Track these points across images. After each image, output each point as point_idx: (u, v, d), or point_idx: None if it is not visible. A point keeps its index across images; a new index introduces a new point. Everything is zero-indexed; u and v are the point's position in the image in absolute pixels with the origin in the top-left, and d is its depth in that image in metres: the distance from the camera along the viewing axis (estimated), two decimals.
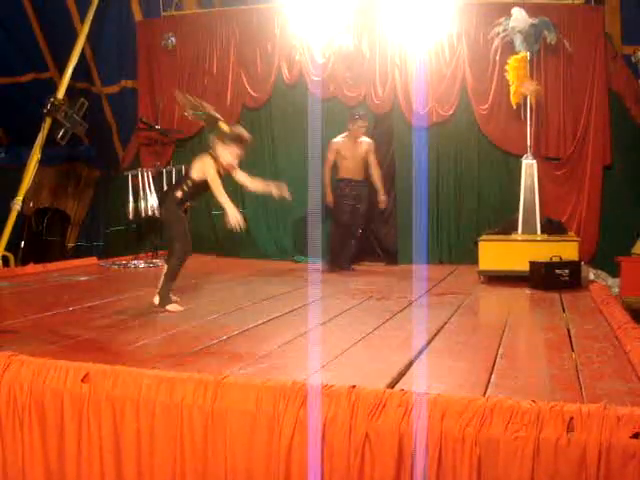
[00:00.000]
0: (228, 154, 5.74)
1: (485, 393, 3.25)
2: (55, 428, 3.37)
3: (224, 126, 5.85)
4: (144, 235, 9.91)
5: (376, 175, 8.43)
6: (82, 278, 7.64)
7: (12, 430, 3.44)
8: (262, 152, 9.76)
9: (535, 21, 7.90)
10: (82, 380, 3.36)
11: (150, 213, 9.33)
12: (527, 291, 6.62)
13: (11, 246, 9.20)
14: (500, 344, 4.35)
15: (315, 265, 8.68)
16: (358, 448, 2.85)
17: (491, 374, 3.61)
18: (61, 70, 9.71)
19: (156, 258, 9.11)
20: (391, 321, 5.14)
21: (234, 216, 5.79)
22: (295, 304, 5.86)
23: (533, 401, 2.78)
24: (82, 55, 9.71)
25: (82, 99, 9.70)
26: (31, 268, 8.10)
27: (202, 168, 5.78)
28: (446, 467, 2.75)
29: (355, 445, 2.85)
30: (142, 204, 9.29)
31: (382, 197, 8.43)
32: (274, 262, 9.24)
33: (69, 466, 3.35)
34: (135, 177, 9.41)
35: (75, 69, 9.51)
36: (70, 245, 10.68)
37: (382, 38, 9.02)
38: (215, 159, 5.74)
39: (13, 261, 9.03)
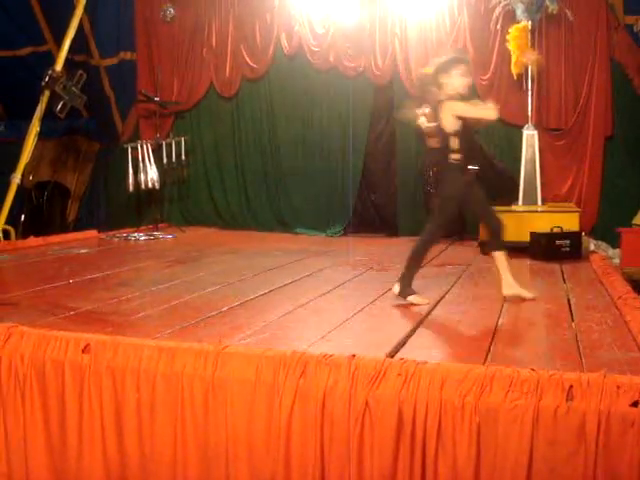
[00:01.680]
0: (455, 82, 4.82)
1: (485, 362, 3.26)
2: (56, 399, 3.39)
3: (427, 69, 5.10)
4: (144, 207, 9.90)
5: None
6: (83, 251, 7.65)
7: (13, 401, 3.46)
8: (261, 123, 9.71)
9: None
10: (83, 351, 3.38)
11: (150, 185, 9.32)
12: (528, 262, 6.62)
13: (11, 219, 9.19)
14: (500, 314, 4.37)
15: (315, 237, 8.70)
16: (358, 417, 2.86)
17: (491, 343, 3.63)
18: (59, 43, 9.61)
19: (157, 231, 9.12)
20: (391, 291, 5.13)
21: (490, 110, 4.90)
22: (296, 275, 5.87)
23: (532, 369, 2.79)
24: (80, 27, 9.60)
25: (80, 71, 9.61)
26: (32, 241, 8.09)
27: (449, 113, 4.81)
28: (445, 435, 2.77)
29: (355, 414, 2.87)
30: (142, 176, 9.28)
31: None
32: (274, 234, 9.22)
33: (70, 437, 3.38)
34: (135, 149, 9.38)
35: (73, 41, 9.40)
36: (71, 218, 10.66)
37: (382, 8, 8.91)
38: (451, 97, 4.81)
39: (14, 234, 9.02)
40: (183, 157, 9.75)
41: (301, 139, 9.45)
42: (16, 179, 8.90)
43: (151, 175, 9.29)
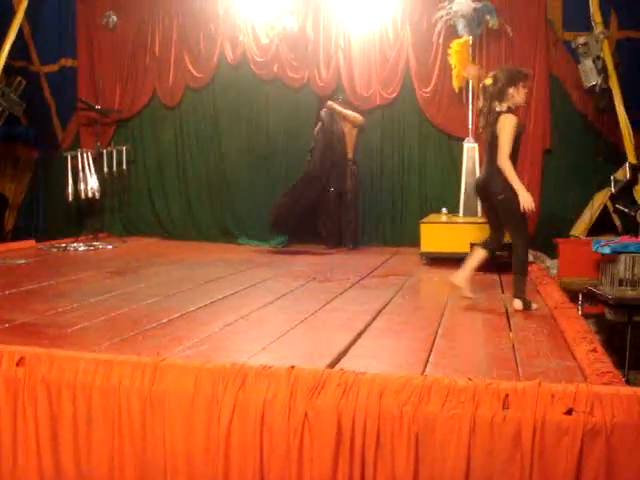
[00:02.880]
0: (519, 96, 5.03)
1: (424, 372, 3.29)
2: None
3: (488, 81, 5.21)
4: (84, 217, 9.73)
5: None
6: (20, 261, 7.47)
7: None
8: (205, 132, 9.65)
9: (477, 5, 7.98)
10: (17, 364, 3.29)
11: (90, 195, 9.17)
12: None
13: None
14: (440, 324, 4.41)
15: (258, 247, 8.67)
16: (297, 428, 2.86)
17: (430, 353, 3.66)
18: None
19: (96, 241, 8.97)
20: (333, 302, 5.16)
21: (526, 199, 4.87)
22: (237, 287, 5.84)
23: (469, 379, 2.82)
24: (20, 32, 9.43)
25: (20, 78, 9.44)
26: None
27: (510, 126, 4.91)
28: (384, 445, 2.78)
29: (294, 425, 2.86)
30: (82, 185, 9.13)
31: None
32: (217, 245, 9.16)
33: (4, 451, 3.29)
34: (75, 158, 9.24)
35: (12, 47, 9.23)
36: (8, 227, 10.41)
37: (326, 20, 8.97)
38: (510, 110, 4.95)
39: None
40: (124, 166, 9.63)
41: (245, 149, 9.41)
42: None
43: (91, 184, 9.15)
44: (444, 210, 8.04)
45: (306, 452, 2.86)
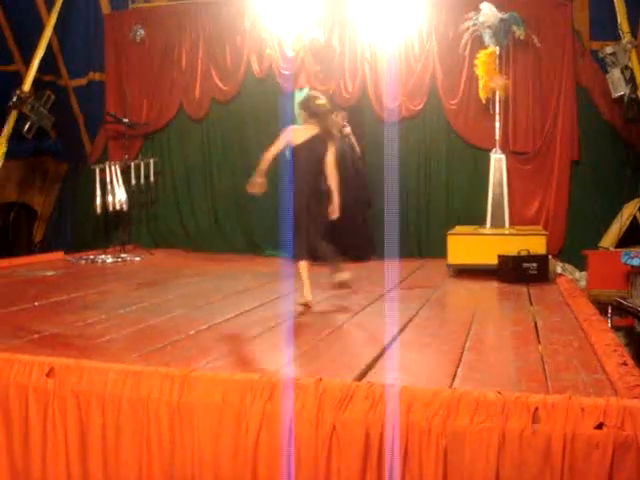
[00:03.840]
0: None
1: (452, 385, 3.26)
2: (19, 423, 3.34)
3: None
4: (112, 229, 9.82)
5: None
6: (49, 273, 7.55)
7: None
8: (231, 144, 9.70)
9: (504, 16, 7.94)
10: (47, 375, 3.33)
11: (118, 207, 9.26)
12: (495, 284, 6.66)
13: None
14: (467, 337, 4.38)
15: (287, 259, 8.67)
16: (325, 440, 2.85)
17: (458, 366, 3.63)
18: (27, 62, 9.56)
19: (124, 253, 9.04)
20: (360, 314, 5.14)
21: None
22: (264, 298, 5.84)
23: (499, 392, 2.80)
24: (49, 47, 9.57)
25: (49, 92, 9.58)
26: None
27: None
28: (412, 458, 2.76)
29: (322, 437, 2.86)
30: (110, 198, 9.22)
31: None
32: (245, 257, 9.19)
33: (34, 461, 3.33)
34: (103, 171, 9.33)
35: (42, 61, 9.37)
36: (37, 239, 10.54)
37: (352, 32, 9.01)
38: None
39: None
40: (152, 178, 9.71)
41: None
42: None
43: (119, 196, 9.24)
44: None
45: (334, 464, 2.85)
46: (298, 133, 5.52)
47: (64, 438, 3.27)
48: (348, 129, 8.65)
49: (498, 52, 7.99)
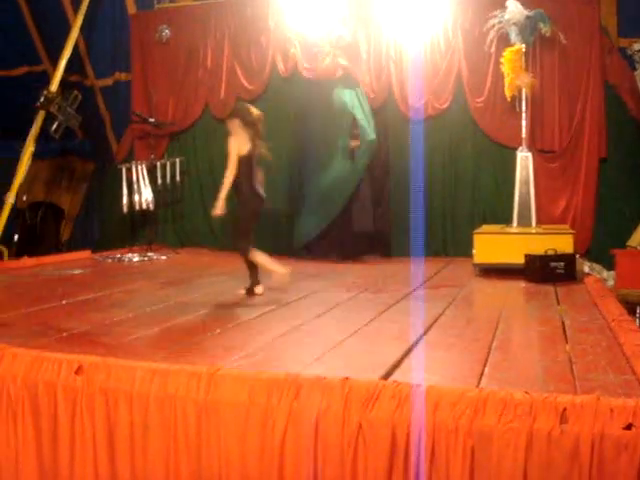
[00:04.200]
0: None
1: (478, 385, 3.25)
2: (48, 420, 3.38)
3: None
4: (138, 228, 9.89)
5: None
6: (76, 271, 7.63)
7: (5, 422, 3.45)
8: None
9: (530, 13, 7.88)
10: (75, 372, 3.36)
11: (144, 206, 9.32)
12: (522, 284, 6.61)
13: (5, 240, 9.17)
14: (494, 336, 4.35)
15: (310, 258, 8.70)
16: (351, 439, 2.85)
17: (485, 366, 3.61)
18: (54, 63, 9.67)
19: (150, 251, 9.10)
20: (386, 313, 5.13)
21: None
22: (289, 297, 5.85)
23: (526, 392, 2.78)
24: (75, 48, 9.66)
25: (75, 92, 9.66)
26: (25, 261, 8.08)
27: None
28: (439, 458, 2.75)
29: (348, 436, 2.85)
30: (136, 197, 9.28)
31: None
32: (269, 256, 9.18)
33: (62, 458, 3.36)
34: (129, 170, 9.39)
35: (68, 62, 9.46)
36: (64, 238, 10.65)
37: (377, 31, 8.98)
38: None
39: (7, 255, 9.01)
40: (178, 178, 9.76)
41: (296, 159, 9.45)
42: (10, 199, 8.90)
43: (145, 196, 9.30)
44: None
45: (360, 463, 2.85)
46: (242, 144, 5.99)
47: (92, 435, 3.31)
48: None
49: (524, 50, 7.93)
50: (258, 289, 6.03)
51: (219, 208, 5.93)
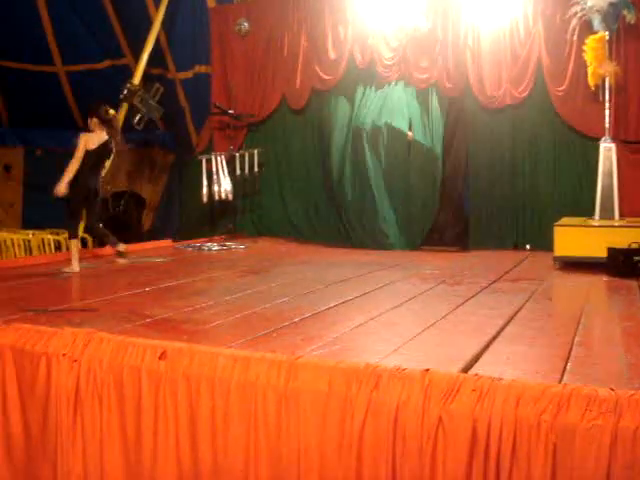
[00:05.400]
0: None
1: (561, 380, 3.19)
2: (133, 404, 3.47)
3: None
4: (217, 218, 10.06)
5: None
6: (158, 260, 7.81)
7: (91, 405, 3.56)
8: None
9: (614, 0, 7.66)
10: (159, 357, 3.44)
11: (224, 196, 9.46)
12: (604, 278, 6.45)
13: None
14: (576, 331, 4.26)
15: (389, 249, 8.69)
16: (431, 432, 2.84)
17: (567, 361, 3.54)
18: (137, 56, 9.90)
19: (229, 241, 9.24)
20: (464, 306, 5.09)
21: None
22: (367, 288, 5.86)
23: (612, 389, 2.72)
24: (157, 41, 9.88)
25: (157, 84, 9.88)
26: (109, 250, 8.30)
27: None
28: (520, 454, 2.72)
29: (428, 429, 2.85)
30: (216, 187, 9.43)
31: None
32: (345, 246, 9.24)
33: (145, 442, 3.45)
34: (209, 161, 9.55)
35: (150, 55, 9.68)
36: (146, 227, 10.92)
37: (456, 20, 8.88)
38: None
39: (91, 243, 9.29)
40: (256, 169, 9.87)
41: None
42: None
43: (225, 186, 9.44)
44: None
45: (439, 457, 2.84)
46: (92, 139, 6.81)
47: (175, 419, 3.39)
48: None
49: (608, 37, 7.71)
50: (120, 247, 7.10)
51: (60, 190, 6.65)
